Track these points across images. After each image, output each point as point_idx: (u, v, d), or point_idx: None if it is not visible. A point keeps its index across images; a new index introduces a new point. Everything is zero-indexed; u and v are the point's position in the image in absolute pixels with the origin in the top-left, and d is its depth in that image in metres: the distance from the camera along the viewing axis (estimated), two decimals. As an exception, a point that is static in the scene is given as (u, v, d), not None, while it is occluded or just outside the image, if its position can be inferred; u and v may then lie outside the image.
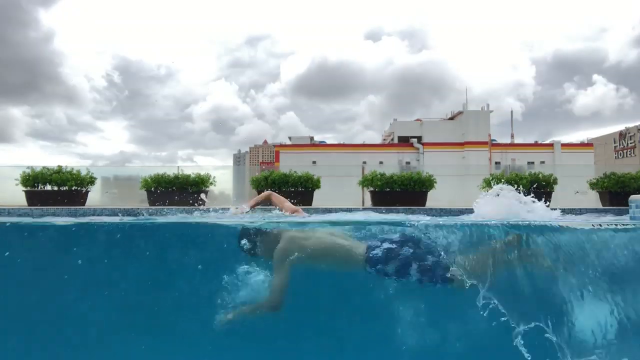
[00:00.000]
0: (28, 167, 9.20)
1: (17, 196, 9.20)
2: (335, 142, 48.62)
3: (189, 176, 9.38)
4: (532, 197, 3.48)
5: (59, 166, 9.26)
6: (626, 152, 36.04)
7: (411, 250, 2.83)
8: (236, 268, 2.89)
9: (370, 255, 2.83)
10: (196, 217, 4.12)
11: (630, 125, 36.07)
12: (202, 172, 9.61)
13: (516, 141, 39.94)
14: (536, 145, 35.37)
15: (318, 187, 9.25)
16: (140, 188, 9.54)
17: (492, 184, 9.05)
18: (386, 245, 2.85)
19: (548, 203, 3.53)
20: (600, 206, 9.19)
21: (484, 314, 2.59)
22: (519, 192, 3.45)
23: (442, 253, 2.84)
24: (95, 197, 10.45)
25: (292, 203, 3.62)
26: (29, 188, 9.03)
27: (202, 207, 8.98)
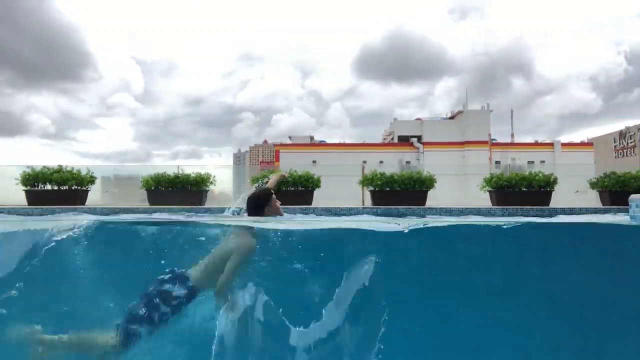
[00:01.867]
0: (28, 167, 9.21)
1: (17, 196, 9.20)
2: (337, 142, 48.56)
3: (189, 175, 9.38)
4: None
5: (59, 165, 9.26)
6: (626, 152, 36.03)
7: None
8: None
9: None
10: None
11: (631, 124, 36.09)
12: (203, 172, 9.62)
13: (593, 134, 39.76)
14: (536, 144, 35.37)
15: (318, 186, 9.25)
16: (141, 187, 9.54)
17: (492, 183, 9.08)
18: None
19: None
20: (600, 206, 9.19)
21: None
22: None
23: None
24: (95, 196, 10.44)
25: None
26: (29, 187, 9.03)
27: (202, 206, 8.99)
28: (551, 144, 33.51)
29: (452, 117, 36.89)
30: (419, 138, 34.06)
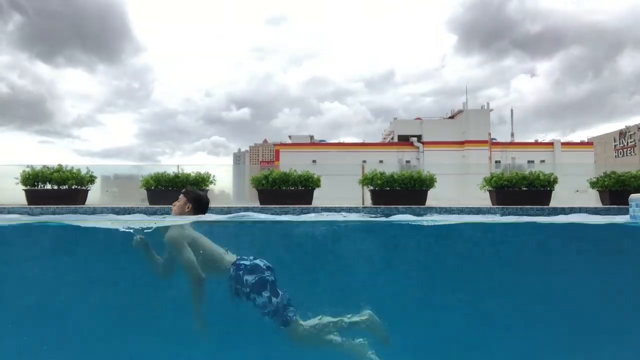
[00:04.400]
0: (28, 166, 9.21)
1: (17, 195, 9.21)
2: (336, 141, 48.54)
3: (189, 175, 9.38)
4: None
5: (59, 165, 9.27)
6: (626, 151, 36.02)
7: (272, 279, 3.05)
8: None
9: (238, 265, 3.09)
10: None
11: (631, 124, 36.10)
12: (202, 171, 9.61)
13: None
14: (536, 144, 35.36)
15: (318, 186, 9.24)
16: (141, 187, 9.54)
17: (492, 182, 9.09)
18: (255, 261, 3.11)
19: None
20: (600, 205, 9.20)
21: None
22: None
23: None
24: (95, 196, 10.45)
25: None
26: (29, 187, 9.04)
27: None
28: (551, 144, 33.50)
29: (452, 117, 36.90)
30: (419, 137, 34.05)
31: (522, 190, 8.91)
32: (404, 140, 34.51)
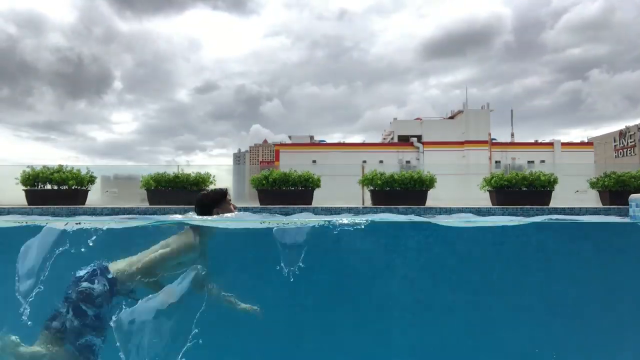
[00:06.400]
0: (28, 167, 9.22)
1: (17, 195, 9.21)
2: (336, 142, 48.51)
3: (189, 175, 9.39)
4: None
5: (59, 165, 9.27)
6: (626, 151, 36.04)
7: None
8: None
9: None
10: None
11: (630, 124, 36.12)
12: (203, 172, 9.62)
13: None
14: (536, 144, 35.36)
15: (318, 186, 9.25)
16: (141, 187, 9.54)
17: (492, 182, 9.09)
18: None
19: None
20: (600, 205, 9.20)
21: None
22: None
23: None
24: (95, 196, 10.45)
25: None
26: (29, 187, 9.04)
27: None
28: (551, 144, 33.50)
29: (452, 117, 36.93)
30: (419, 138, 34.06)
31: (522, 191, 8.91)
32: (404, 140, 34.52)
